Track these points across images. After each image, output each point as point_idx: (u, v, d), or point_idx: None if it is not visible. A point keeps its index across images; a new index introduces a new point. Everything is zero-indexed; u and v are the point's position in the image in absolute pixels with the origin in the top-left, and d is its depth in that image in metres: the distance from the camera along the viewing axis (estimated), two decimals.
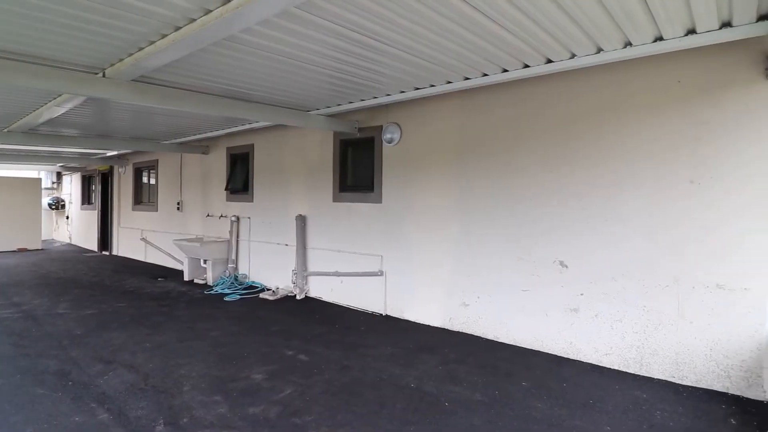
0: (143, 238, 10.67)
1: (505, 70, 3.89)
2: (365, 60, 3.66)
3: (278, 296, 6.61)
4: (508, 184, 4.62)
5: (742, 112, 3.37)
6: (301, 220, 6.68)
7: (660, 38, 3.13)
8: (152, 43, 3.12)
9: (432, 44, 3.29)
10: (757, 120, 3.31)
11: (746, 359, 3.37)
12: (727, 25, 2.93)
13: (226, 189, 8.26)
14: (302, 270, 6.61)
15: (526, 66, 3.77)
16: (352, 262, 6.09)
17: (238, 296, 6.72)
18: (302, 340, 4.68)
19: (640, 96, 3.81)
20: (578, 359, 4.11)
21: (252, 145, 7.72)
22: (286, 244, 7.02)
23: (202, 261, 7.90)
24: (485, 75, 4.02)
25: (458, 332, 4.93)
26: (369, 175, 5.97)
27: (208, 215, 8.72)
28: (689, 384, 3.57)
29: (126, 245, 11.72)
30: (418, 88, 4.52)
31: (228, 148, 8.28)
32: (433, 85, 4.40)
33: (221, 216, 8.38)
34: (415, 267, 5.42)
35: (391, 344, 4.55)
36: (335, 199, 6.34)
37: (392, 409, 3.13)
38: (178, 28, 2.86)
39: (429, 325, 5.20)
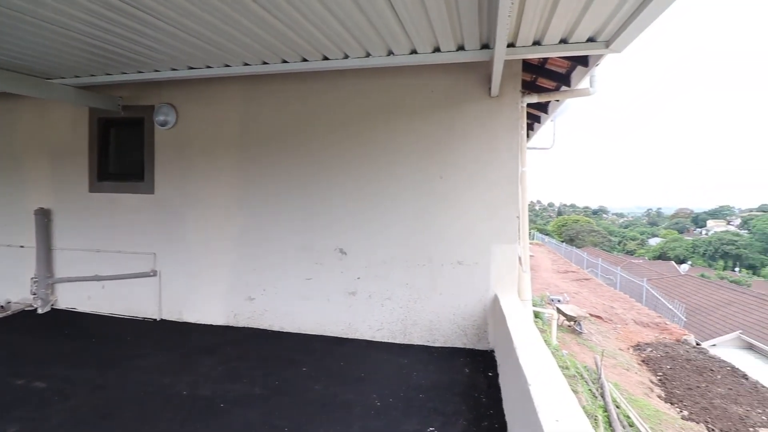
0: None
1: (285, 62, 3.89)
2: (125, 29, 3.13)
3: (9, 312, 5.15)
4: (294, 176, 4.65)
5: (475, 121, 4.19)
6: (44, 215, 5.34)
7: (414, 51, 3.61)
8: None
9: (206, 24, 3.03)
10: (484, 128, 4.17)
11: (477, 319, 4.25)
12: (461, 48, 3.57)
13: None
14: (46, 277, 5.30)
15: (305, 60, 3.84)
16: (118, 263, 5.20)
17: None
18: (40, 363, 3.75)
19: (405, 102, 4.34)
20: (356, 338, 4.48)
21: None
22: (22, 246, 5.52)
23: None
24: (265, 63, 3.94)
25: (243, 328, 4.75)
26: (138, 161, 5.17)
27: None
28: (439, 345, 4.30)
29: None
30: (192, 68, 4.12)
31: None
32: (210, 67, 4.08)
33: None
34: (196, 263, 4.98)
35: (165, 351, 4.07)
36: (93, 189, 5.29)
37: (156, 425, 2.78)
38: None
39: (212, 325, 4.85)
